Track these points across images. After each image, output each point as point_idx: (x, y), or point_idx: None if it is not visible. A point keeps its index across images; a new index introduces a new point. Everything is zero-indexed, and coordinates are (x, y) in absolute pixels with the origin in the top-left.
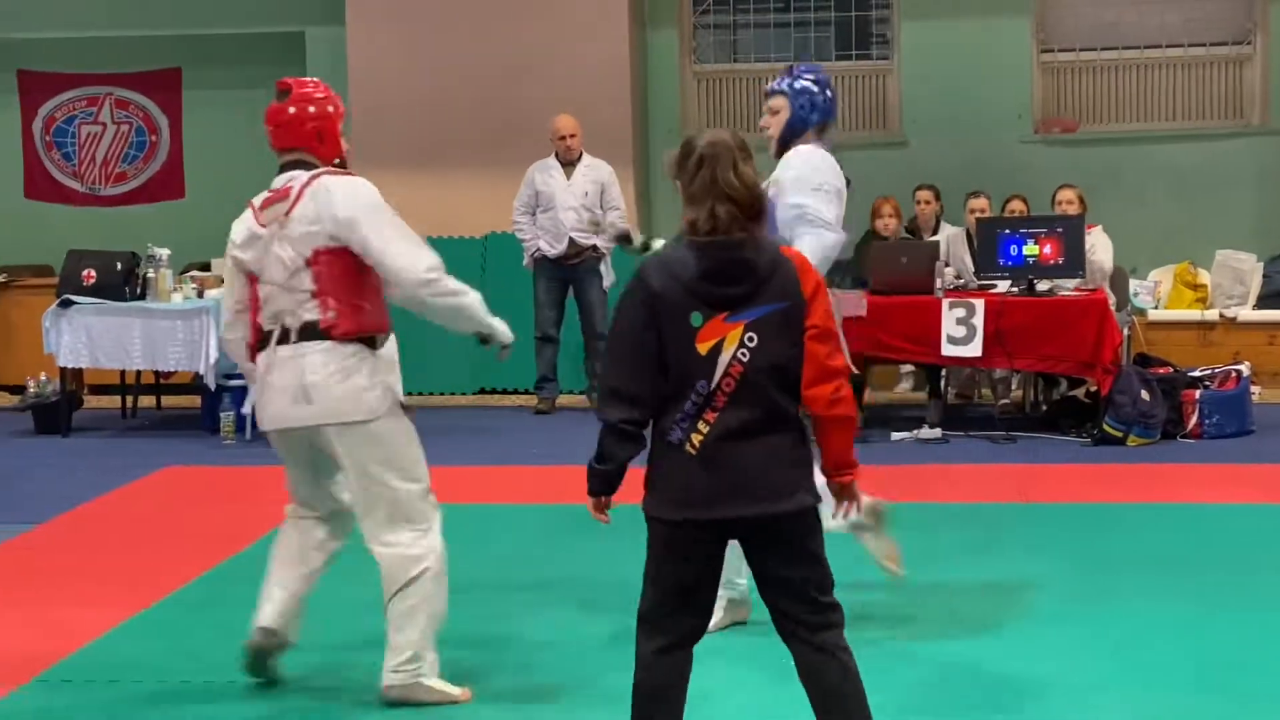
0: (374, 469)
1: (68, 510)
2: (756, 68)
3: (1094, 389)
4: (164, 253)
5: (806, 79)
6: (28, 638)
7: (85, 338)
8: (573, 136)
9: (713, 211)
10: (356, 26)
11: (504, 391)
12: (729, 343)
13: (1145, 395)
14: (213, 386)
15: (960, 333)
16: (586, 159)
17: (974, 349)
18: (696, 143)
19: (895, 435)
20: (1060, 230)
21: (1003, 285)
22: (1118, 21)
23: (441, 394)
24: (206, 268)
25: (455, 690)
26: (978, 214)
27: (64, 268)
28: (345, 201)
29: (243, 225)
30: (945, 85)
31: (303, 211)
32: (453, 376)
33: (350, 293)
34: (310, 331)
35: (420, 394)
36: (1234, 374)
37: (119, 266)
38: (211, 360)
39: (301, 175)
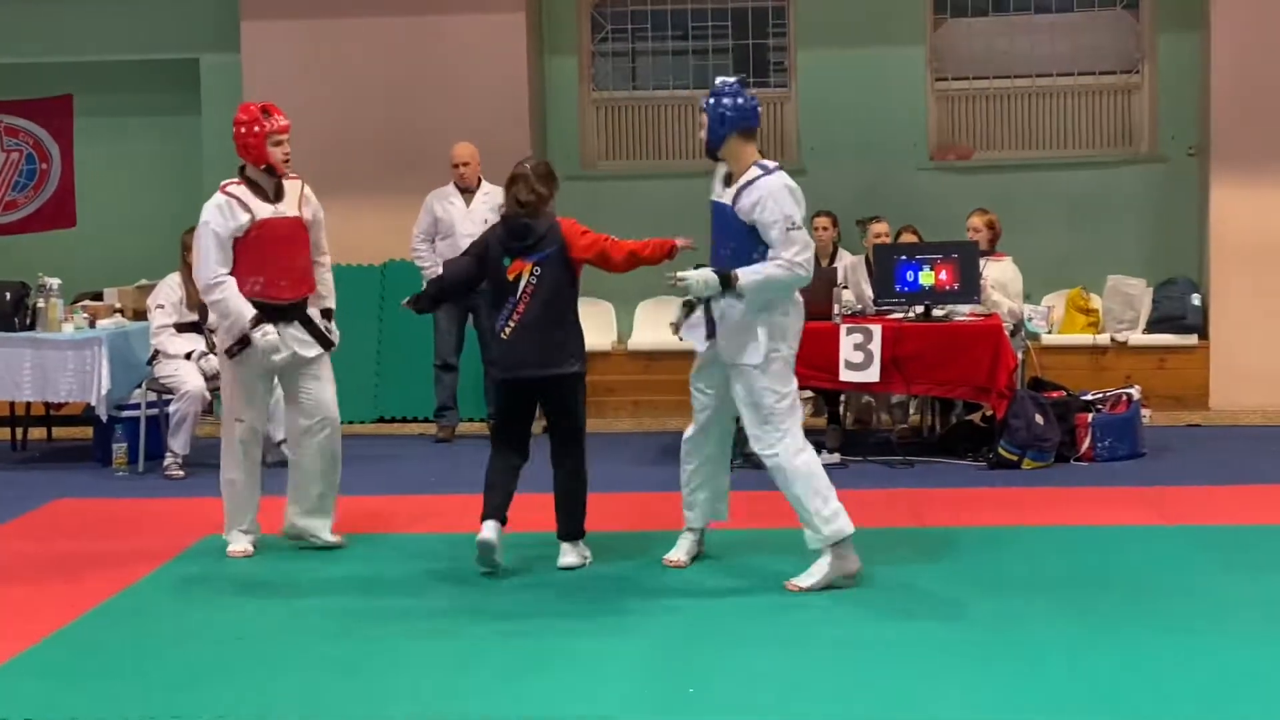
0: None
1: None
2: (655, 95)
3: (989, 413)
4: (55, 282)
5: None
6: None
7: None
8: (465, 165)
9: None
10: (251, 54)
11: (403, 420)
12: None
13: (1039, 419)
14: (104, 417)
15: (858, 358)
16: (485, 186)
17: (871, 374)
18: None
19: None
20: (955, 256)
21: (900, 312)
22: (1010, 50)
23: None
24: (98, 297)
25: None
26: (880, 238)
27: None
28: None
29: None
30: (842, 113)
31: None
32: (352, 405)
33: None
34: None
35: None
36: (1125, 397)
37: (8, 296)
38: (103, 391)
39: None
